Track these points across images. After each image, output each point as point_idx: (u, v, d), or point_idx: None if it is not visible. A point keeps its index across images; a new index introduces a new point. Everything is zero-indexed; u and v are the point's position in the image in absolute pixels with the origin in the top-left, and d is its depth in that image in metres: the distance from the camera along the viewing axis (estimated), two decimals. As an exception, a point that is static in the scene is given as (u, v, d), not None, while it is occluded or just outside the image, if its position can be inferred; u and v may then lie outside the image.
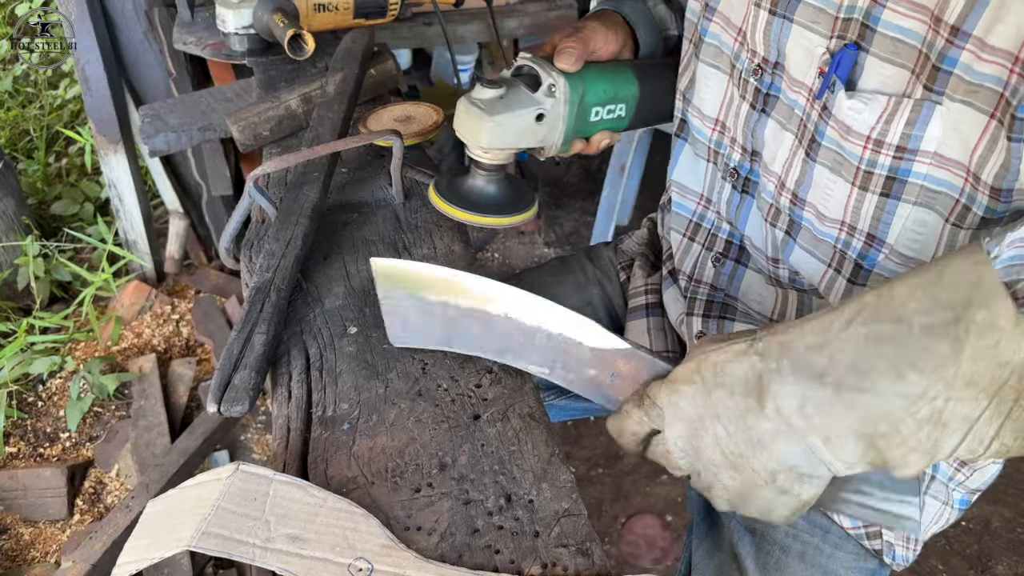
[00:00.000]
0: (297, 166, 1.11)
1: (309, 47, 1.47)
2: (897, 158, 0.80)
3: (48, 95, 3.28)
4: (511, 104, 0.91)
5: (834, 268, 0.92)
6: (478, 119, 0.89)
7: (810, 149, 0.87)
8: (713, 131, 1.03)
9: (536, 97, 0.93)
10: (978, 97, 0.72)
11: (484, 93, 0.90)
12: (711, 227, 1.09)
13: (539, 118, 0.93)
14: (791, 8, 0.86)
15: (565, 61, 0.93)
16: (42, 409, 2.31)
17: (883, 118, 0.79)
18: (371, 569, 0.63)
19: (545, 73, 0.93)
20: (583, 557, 0.66)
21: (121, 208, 2.60)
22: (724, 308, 1.07)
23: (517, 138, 0.92)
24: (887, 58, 0.78)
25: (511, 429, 0.79)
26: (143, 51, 2.39)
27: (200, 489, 0.70)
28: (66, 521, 2.06)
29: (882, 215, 0.84)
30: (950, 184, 0.78)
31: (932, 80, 0.74)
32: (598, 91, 0.97)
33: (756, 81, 0.93)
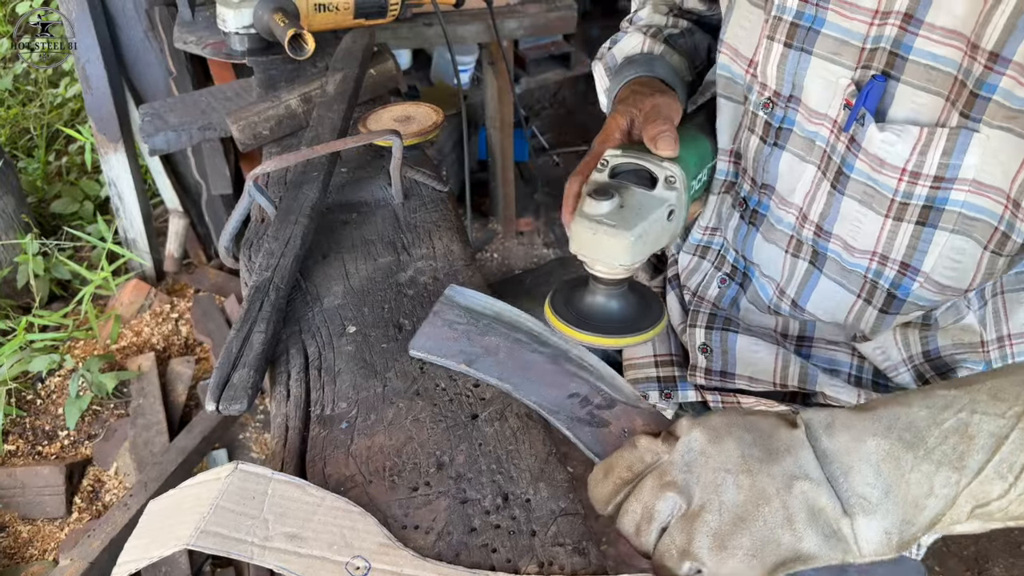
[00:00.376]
0: (297, 165, 1.12)
1: (309, 47, 1.47)
2: (935, 188, 0.78)
3: (48, 93, 3.28)
4: (640, 211, 0.81)
5: (864, 299, 0.90)
6: (614, 237, 0.79)
7: (836, 182, 0.85)
8: (729, 163, 1.01)
9: (659, 195, 0.84)
10: (1019, 123, 0.70)
11: (601, 207, 0.80)
12: (720, 249, 1.08)
13: (670, 215, 0.84)
14: (810, 40, 0.83)
15: (669, 147, 0.85)
16: (41, 407, 2.31)
17: (917, 149, 0.77)
18: (368, 567, 0.63)
19: (655, 166, 0.84)
20: (580, 556, 0.67)
21: (121, 207, 2.60)
22: (727, 322, 1.06)
23: (655, 244, 0.83)
24: (921, 86, 0.76)
25: (508, 429, 0.79)
26: (143, 50, 2.39)
27: (199, 488, 0.70)
28: (64, 519, 2.06)
29: (918, 243, 0.82)
30: (989, 211, 0.77)
31: (969, 107, 0.73)
32: (692, 165, 0.91)
33: (766, 115, 0.91)
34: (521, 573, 0.65)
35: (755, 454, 0.63)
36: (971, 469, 0.58)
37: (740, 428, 0.65)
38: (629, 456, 0.68)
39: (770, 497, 0.60)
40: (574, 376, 0.83)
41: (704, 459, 0.64)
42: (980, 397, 0.60)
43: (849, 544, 0.59)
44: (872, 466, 0.60)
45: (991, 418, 0.59)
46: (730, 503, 0.61)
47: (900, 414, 0.62)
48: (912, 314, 0.89)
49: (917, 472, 0.59)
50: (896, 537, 0.59)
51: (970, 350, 0.94)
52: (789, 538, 0.59)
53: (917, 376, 0.97)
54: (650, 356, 1.13)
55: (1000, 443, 0.58)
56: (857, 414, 0.63)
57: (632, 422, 0.77)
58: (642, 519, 0.64)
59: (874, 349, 0.96)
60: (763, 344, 1.03)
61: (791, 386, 1.00)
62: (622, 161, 0.86)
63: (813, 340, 1.03)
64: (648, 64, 1.03)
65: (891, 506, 0.59)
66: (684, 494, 0.63)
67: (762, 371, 1.02)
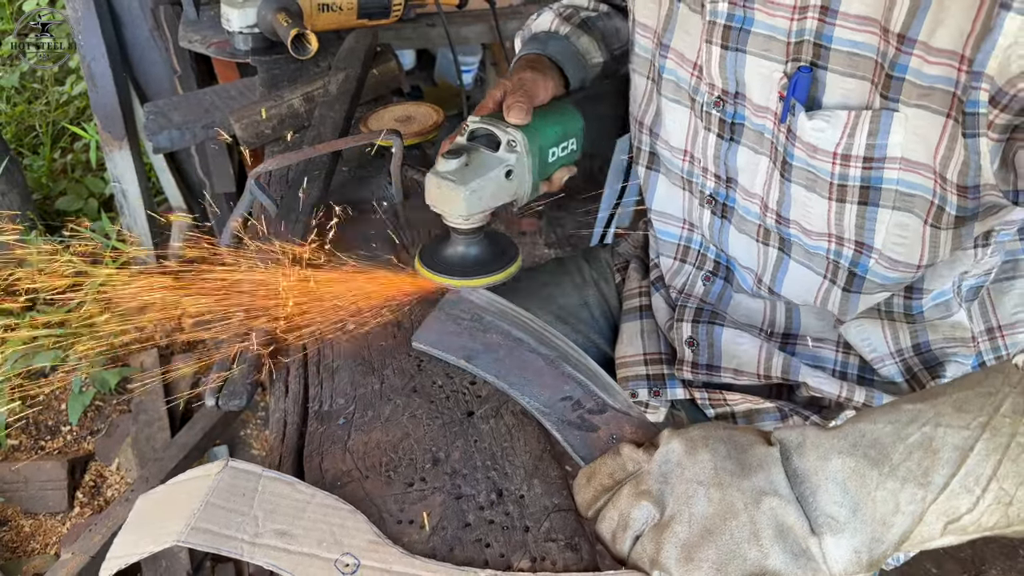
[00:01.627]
0: (298, 164, 1.13)
1: (312, 47, 1.48)
2: (867, 168, 0.81)
3: (54, 91, 3.30)
4: (479, 169, 0.92)
5: (829, 279, 0.93)
6: (452, 191, 0.90)
7: (784, 170, 0.89)
8: (684, 161, 1.05)
9: (500, 156, 0.94)
10: (932, 99, 0.74)
11: (449, 164, 0.90)
12: (700, 247, 1.11)
13: (508, 175, 0.94)
14: (742, 40, 0.88)
15: (517, 116, 0.94)
16: (44, 402, 2.32)
17: (845, 133, 0.81)
18: (358, 564, 0.64)
19: (501, 131, 0.94)
20: (572, 552, 0.68)
21: (125, 204, 2.61)
22: (713, 316, 1.08)
23: (492, 199, 0.94)
24: (847, 72, 0.80)
25: (504, 426, 0.80)
26: (149, 49, 2.40)
27: (190, 485, 0.70)
28: (66, 513, 2.08)
29: (864, 223, 0.85)
30: (922, 187, 0.80)
31: (887, 88, 0.76)
32: (550, 134, 0.99)
33: (719, 112, 0.95)
34: (513, 568, 0.66)
35: (728, 467, 0.64)
36: (936, 485, 0.58)
37: (717, 440, 0.66)
38: (612, 463, 0.69)
39: (738, 512, 0.61)
40: (569, 379, 0.84)
41: (679, 470, 0.65)
42: (944, 410, 0.61)
43: (819, 564, 0.59)
44: (839, 484, 0.61)
45: (955, 430, 0.59)
46: (699, 515, 0.62)
47: (865, 431, 0.62)
48: (876, 294, 0.91)
49: (883, 490, 0.59)
50: (866, 556, 0.59)
51: (960, 344, 0.96)
52: (755, 553, 0.60)
53: (905, 369, 0.98)
54: (640, 355, 1.15)
55: (965, 456, 0.58)
56: (825, 432, 0.64)
57: (621, 429, 0.78)
58: (618, 526, 0.65)
59: (861, 340, 0.98)
60: (747, 336, 1.05)
61: (775, 377, 1.02)
62: (478, 126, 0.96)
63: (798, 337, 1.05)
64: (544, 42, 1.12)
65: (859, 524, 0.59)
66: (658, 504, 0.64)
67: (747, 363, 1.04)
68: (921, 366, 0.98)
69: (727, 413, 1.06)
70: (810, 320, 1.03)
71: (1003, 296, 0.95)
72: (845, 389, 0.98)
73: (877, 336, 0.98)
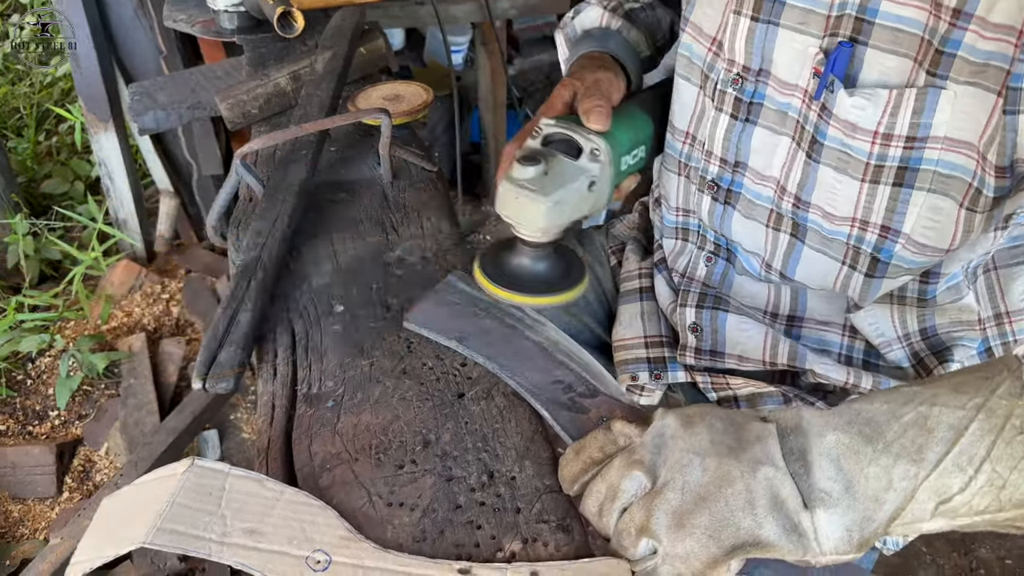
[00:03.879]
0: (285, 144, 1.11)
1: (299, 25, 1.46)
2: (908, 148, 0.79)
3: (38, 72, 3.26)
4: (561, 179, 0.84)
5: (848, 265, 0.91)
6: (533, 202, 0.81)
7: (811, 151, 0.86)
8: (684, 144, 1.02)
9: (582, 165, 0.86)
10: (985, 76, 0.72)
11: (526, 172, 0.82)
12: (699, 229, 1.09)
13: (591, 186, 0.87)
14: (776, 12, 0.84)
15: (600, 122, 0.87)
16: (31, 387, 2.31)
17: (888, 111, 0.78)
18: (329, 561, 0.63)
19: (583, 138, 0.87)
20: (564, 533, 0.67)
21: (111, 187, 2.58)
22: (717, 300, 1.06)
23: (574, 212, 0.86)
24: (889, 49, 0.77)
25: (495, 407, 0.79)
26: (133, 28, 2.37)
27: (155, 485, 0.69)
28: (55, 499, 2.07)
29: (896, 205, 0.83)
30: (963, 168, 0.78)
31: (936, 65, 0.74)
32: (625, 141, 0.93)
33: (736, 91, 0.91)
34: (505, 550, 0.66)
35: (725, 440, 0.63)
36: (929, 462, 0.58)
37: (713, 416, 0.65)
38: (602, 438, 0.68)
39: (734, 479, 0.61)
40: (561, 365, 0.83)
41: (674, 441, 0.64)
42: (941, 391, 0.61)
43: (809, 540, 0.59)
44: (832, 461, 0.60)
45: (950, 410, 0.59)
46: (694, 483, 0.61)
47: (861, 410, 0.62)
48: (899, 278, 0.90)
49: (876, 466, 0.59)
50: (857, 535, 0.59)
51: (967, 328, 0.95)
52: (749, 522, 0.59)
53: (912, 354, 0.97)
54: (640, 337, 1.13)
55: (959, 435, 0.58)
56: (821, 413, 0.64)
57: (611, 412, 0.77)
58: (606, 498, 0.64)
59: (869, 324, 0.97)
60: (752, 323, 1.03)
61: (780, 364, 1.00)
62: (554, 131, 0.88)
63: (804, 320, 1.03)
64: (602, 39, 1.05)
65: (852, 501, 0.59)
66: (650, 474, 0.63)
67: (752, 349, 1.02)
68: (928, 351, 0.97)
69: (730, 397, 1.05)
70: (817, 303, 1.01)
71: (1012, 282, 0.94)
72: (852, 375, 0.97)
73: (885, 321, 0.96)
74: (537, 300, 0.87)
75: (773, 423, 0.64)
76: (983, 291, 0.95)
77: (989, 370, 0.61)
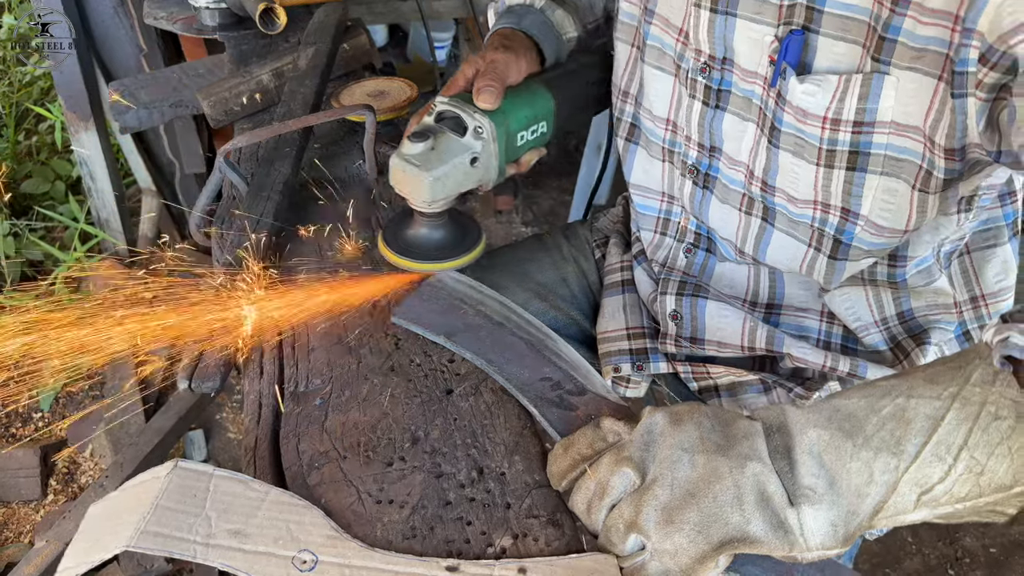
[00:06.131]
0: (269, 141, 1.10)
1: (281, 21, 1.45)
2: (856, 133, 0.81)
3: (17, 71, 3.22)
4: (444, 155, 0.90)
5: (814, 247, 0.93)
6: (416, 176, 0.88)
7: (771, 136, 0.88)
8: (666, 131, 1.04)
9: (465, 142, 0.92)
10: (924, 61, 0.73)
11: (414, 148, 0.88)
12: (679, 219, 1.10)
13: (473, 161, 0.92)
14: (732, 3, 0.86)
15: (487, 101, 0.92)
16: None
17: (836, 97, 0.80)
18: (316, 560, 0.62)
19: (468, 116, 0.92)
20: (554, 527, 0.67)
21: (93, 186, 2.56)
22: (697, 288, 1.07)
23: (457, 185, 0.92)
24: (838, 36, 0.79)
25: (483, 403, 0.79)
26: (113, 26, 2.34)
27: (140, 489, 0.68)
28: (39, 501, 2.05)
29: (852, 188, 0.85)
30: (912, 151, 0.79)
31: (879, 51, 0.75)
32: (520, 118, 0.97)
33: (705, 79, 0.93)
34: (495, 545, 0.65)
35: (713, 437, 0.64)
36: (909, 453, 0.59)
37: (701, 414, 0.66)
38: (591, 434, 0.69)
39: (723, 475, 0.61)
40: (550, 362, 0.83)
41: (663, 438, 0.65)
42: (916, 383, 0.62)
43: (795, 536, 0.60)
44: (815, 457, 0.61)
45: (927, 401, 0.60)
46: (683, 479, 0.62)
47: (840, 406, 0.63)
48: (861, 260, 0.91)
49: (857, 460, 0.60)
50: (842, 529, 0.60)
51: (944, 311, 0.96)
52: (737, 518, 0.60)
53: (889, 338, 0.99)
54: (623, 329, 1.14)
55: (937, 425, 0.59)
56: (802, 410, 0.65)
57: (599, 410, 0.77)
58: (595, 495, 0.65)
59: (846, 309, 0.98)
60: (732, 309, 1.04)
61: (759, 349, 1.01)
62: (446, 108, 0.93)
63: (782, 308, 1.04)
64: (519, 16, 1.09)
65: (835, 497, 0.60)
66: (639, 470, 0.64)
67: (730, 335, 1.04)
68: (905, 334, 0.98)
69: (710, 386, 1.06)
70: (794, 290, 1.03)
71: (985, 264, 0.96)
72: (829, 359, 0.98)
73: (861, 305, 0.98)
74: (434, 266, 0.94)
75: (759, 421, 0.65)
76: (958, 275, 0.97)
77: (961, 359, 0.63)
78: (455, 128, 0.92)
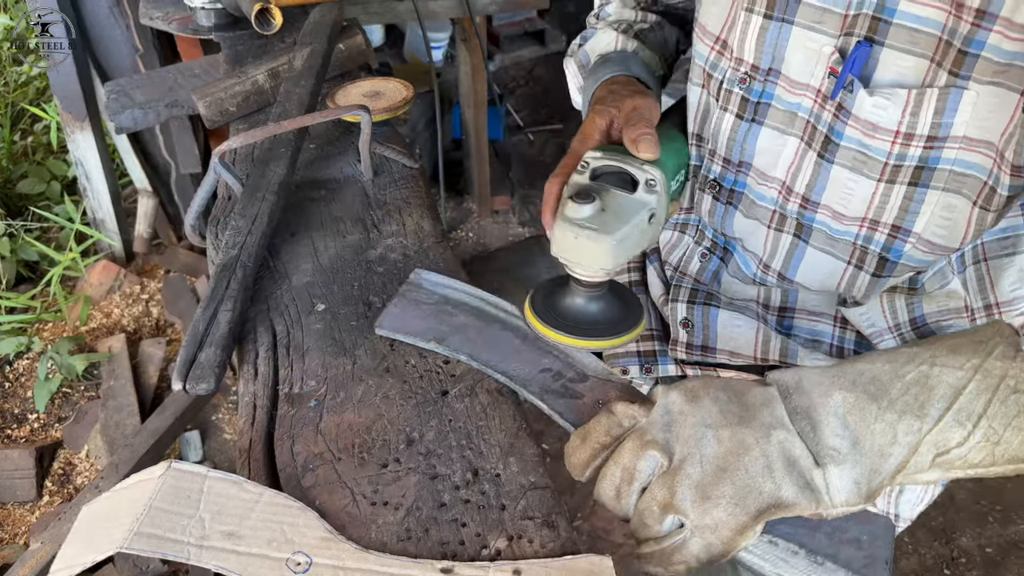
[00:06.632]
0: (264, 142, 1.10)
1: (276, 21, 1.45)
2: (928, 148, 0.79)
3: (12, 71, 3.21)
4: (621, 215, 0.79)
5: (855, 265, 0.91)
6: (596, 242, 0.77)
7: (824, 151, 0.85)
8: (691, 145, 1.00)
9: (639, 198, 0.81)
10: (1008, 76, 0.72)
11: (583, 211, 0.77)
12: (698, 225, 1.08)
13: (651, 219, 0.82)
14: (791, 10, 0.83)
15: (650, 150, 0.83)
16: (9, 390, 2.28)
17: (908, 110, 0.77)
18: (310, 563, 0.62)
19: (637, 169, 0.82)
20: (549, 529, 0.67)
21: (88, 187, 2.56)
22: (709, 297, 1.06)
23: (635, 247, 0.81)
24: (905, 49, 0.76)
25: (479, 404, 0.79)
26: (109, 26, 2.34)
27: (133, 490, 0.68)
28: (35, 502, 2.05)
29: (910, 205, 0.83)
30: (979, 167, 0.78)
31: (958, 65, 0.73)
32: (671, 166, 0.90)
33: (743, 91, 0.90)
34: (490, 547, 0.65)
35: (732, 409, 0.65)
36: (932, 417, 0.62)
37: (716, 388, 0.67)
38: (607, 421, 0.69)
39: (750, 447, 0.63)
40: (546, 353, 0.83)
41: (683, 417, 0.66)
42: (939, 352, 0.64)
43: (821, 495, 0.62)
44: (839, 418, 0.63)
45: (950, 370, 0.63)
46: (711, 455, 0.63)
47: (864, 370, 0.65)
48: (903, 276, 0.90)
49: (881, 422, 0.63)
50: (865, 487, 0.62)
51: (956, 316, 0.95)
52: (770, 486, 0.62)
53: (903, 344, 0.98)
54: None
55: (958, 393, 0.62)
56: (823, 371, 0.66)
57: (606, 394, 0.77)
58: (622, 481, 0.66)
59: (860, 315, 0.97)
60: (744, 319, 1.03)
61: (772, 360, 1.00)
62: (603, 163, 0.84)
63: (795, 311, 1.03)
64: (624, 63, 1.02)
65: (859, 456, 0.62)
66: (665, 451, 0.65)
67: (743, 345, 1.02)
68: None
69: None
70: (808, 296, 1.01)
71: (1002, 272, 0.94)
72: None
73: (876, 311, 0.96)
74: (597, 344, 0.83)
75: (773, 385, 0.67)
76: (973, 282, 0.96)
77: (982, 334, 0.65)
78: (619, 184, 0.82)
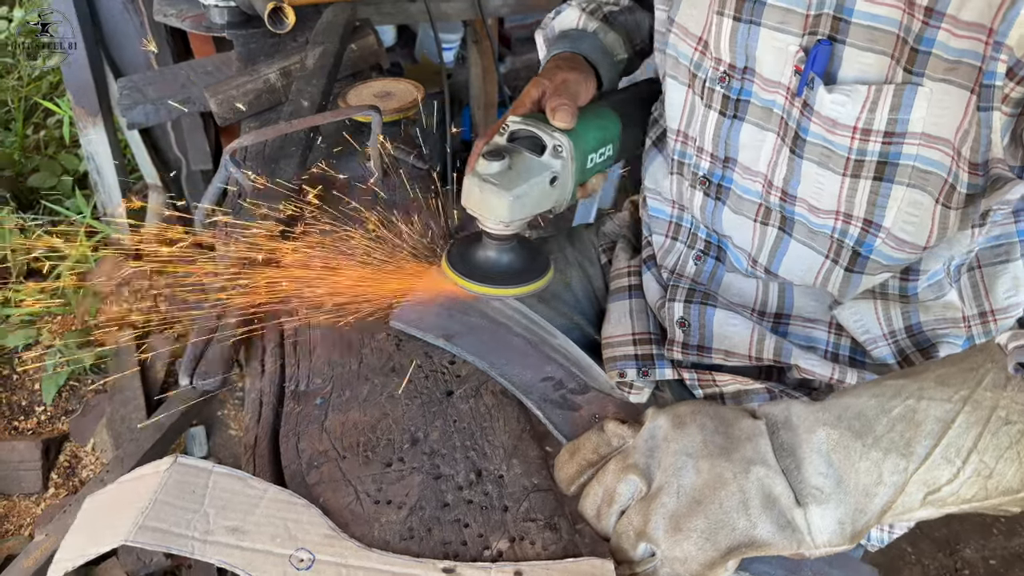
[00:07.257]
0: (275, 140, 1.11)
1: (289, 20, 1.46)
2: (886, 143, 0.81)
3: (27, 65, 3.23)
4: (523, 174, 0.87)
5: (831, 259, 0.93)
6: (495, 195, 0.84)
7: (795, 146, 0.88)
8: (677, 142, 1.04)
9: (544, 161, 0.89)
10: (957, 74, 0.73)
11: (491, 167, 0.85)
12: (691, 226, 1.10)
13: (552, 181, 0.89)
14: (757, 12, 0.86)
15: (564, 119, 0.90)
16: (17, 382, 2.29)
17: (867, 107, 0.80)
18: (313, 559, 0.63)
19: (547, 135, 0.89)
20: (551, 531, 0.67)
21: (99, 181, 2.57)
22: (705, 297, 1.07)
23: (535, 206, 0.89)
24: (865, 47, 0.79)
25: (483, 405, 0.79)
26: (123, 22, 2.35)
27: (138, 483, 0.68)
28: (41, 494, 2.05)
29: (877, 199, 0.85)
30: (939, 164, 0.79)
31: (912, 63, 0.75)
32: (591, 139, 0.95)
33: (723, 88, 0.93)
34: (492, 548, 0.66)
35: (716, 440, 0.64)
36: (918, 455, 0.59)
37: (704, 416, 0.66)
38: (596, 439, 0.69)
39: (727, 481, 0.61)
40: (551, 360, 0.83)
41: (666, 444, 0.65)
42: (927, 384, 0.62)
43: (803, 535, 0.60)
44: (823, 456, 0.61)
45: (937, 403, 0.60)
46: (688, 486, 0.62)
47: (849, 404, 0.63)
48: (878, 275, 0.91)
49: (866, 460, 0.60)
50: (849, 527, 0.60)
51: (952, 325, 0.96)
52: (744, 523, 0.60)
53: (898, 351, 0.98)
54: (628, 334, 1.14)
55: (946, 428, 0.59)
56: (809, 406, 0.64)
57: (603, 409, 0.77)
58: (603, 502, 0.65)
59: (854, 321, 0.98)
60: (740, 318, 1.04)
61: (766, 359, 1.01)
62: (520, 127, 0.91)
63: (791, 318, 1.04)
64: (576, 40, 1.08)
65: (843, 496, 0.60)
66: (645, 477, 0.64)
67: (738, 344, 1.03)
68: (913, 348, 0.98)
69: (716, 394, 1.06)
70: (803, 301, 1.02)
71: (996, 280, 0.95)
72: (837, 371, 0.98)
73: (870, 317, 0.97)
74: (504, 291, 0.90)
75: (763, 419, 0.65)
76: (968, 290, 0.96)
77: (973, 360, 0.62)
78: (531, 147, 0.90)
